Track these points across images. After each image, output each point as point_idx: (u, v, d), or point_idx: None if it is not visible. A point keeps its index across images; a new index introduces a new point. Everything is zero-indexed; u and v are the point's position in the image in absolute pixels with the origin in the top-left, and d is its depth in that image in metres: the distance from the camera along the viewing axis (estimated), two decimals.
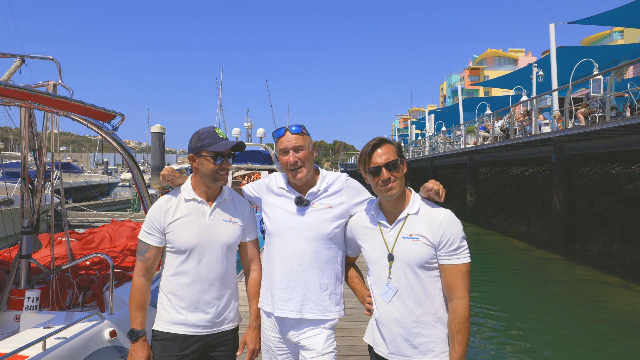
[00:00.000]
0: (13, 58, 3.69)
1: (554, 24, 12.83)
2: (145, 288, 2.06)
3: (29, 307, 3.58)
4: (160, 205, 2.10)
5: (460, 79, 64.19)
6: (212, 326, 2.09)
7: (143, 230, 2.10)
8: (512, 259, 12.61)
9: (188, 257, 2.06)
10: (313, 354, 2.00)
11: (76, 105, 3.28)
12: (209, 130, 2.07)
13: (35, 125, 4.00)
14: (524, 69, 18.52)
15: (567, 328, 7.05)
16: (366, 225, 2.01)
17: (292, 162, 2.02)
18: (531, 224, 16.72)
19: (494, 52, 63.73)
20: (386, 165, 1.85)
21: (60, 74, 3.88)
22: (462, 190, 24.24)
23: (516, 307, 8.15)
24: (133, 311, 2.03)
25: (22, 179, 3.90)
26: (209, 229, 2.08)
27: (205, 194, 2.13)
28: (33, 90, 3.07)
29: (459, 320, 1.78)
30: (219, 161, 2.04)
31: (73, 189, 23.01)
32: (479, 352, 6.01)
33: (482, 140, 18.29)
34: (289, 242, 2.06)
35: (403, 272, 1.86)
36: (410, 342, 1.85)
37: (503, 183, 22.46)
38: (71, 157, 54.73)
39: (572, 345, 6.36)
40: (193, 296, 2.06)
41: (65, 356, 2.99)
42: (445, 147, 24.38)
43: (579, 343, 6.45)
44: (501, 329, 6.99)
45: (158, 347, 2.04)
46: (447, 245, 1.82)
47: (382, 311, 1.92)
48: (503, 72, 46.42)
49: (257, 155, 18.70)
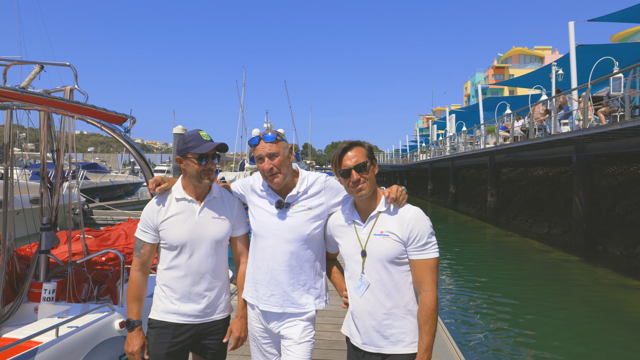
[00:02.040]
0: (33, 65, 3.94)
1: (573, 22, 12.56)
2: (141, 282, 2.23)
3: (46, 298, 3.82)
4: (153, 205, 2.25)
5: (484, 78, 63.16)
6: (203, 316, 2.24)
7: (139, 229, 2.27)
8: (530, 260, 12.41)
9: (180, 253, 2.21)
10: (291, 342, 2.14)
11: (88, 109, 3.49)
12: (193, 134, 2.21)
13: (53, 127, 4.25)
14: (544, 68, 18.14)
15: (586, 332, 6.91)
16: (342, 223, 2.12)
17: (267, 169, 2.12)
18: (552, 226, 16.39)
19: (520, 50, 62.42)
20: (355, 168, 1.95)
21: (77, 79, 4.12)
22: (483, 191, 23.93)
23: (533, 309, 8.03)
24: (130, 303, 2.20)
25: (41, 179, 4.16)
26: (198, 226, 2.23)
27: (194, 193, 2.27)
28: (48, 95, 3.30)
29: (427, 312, 1.87)
30: (203, 162, 2.17)
31: (99, 188, 23.79)
32: (496, 355, 5.99)
33: (503, 140, 18.03)
34: (271, 243, 2.18)
35: (374, 267, 1.97)
36: (381, 333, 1.96)
37: (525, 184, 22.04)
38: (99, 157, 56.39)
39: (591, 350, 6.25)
40: (185, 288, 2.21)
41: (77, 343, 3.21)
42: (466, 147, 24.09)
43: (598, 348, 6.32)
44: (517, 331, 6.89)
45: (153, 334, 2.21)
46: (416, 241, 1.91)
47: (355, 304, 2.03)
48: (529, 71, 45.43)
49: None
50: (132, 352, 2.14)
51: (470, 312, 7.88)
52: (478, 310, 7.99)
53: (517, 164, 23.41)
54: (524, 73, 32.01)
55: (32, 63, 3.91)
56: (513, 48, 62.83)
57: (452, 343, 4.33)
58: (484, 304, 8.39)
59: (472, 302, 8.52)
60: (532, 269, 11.41)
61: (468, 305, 8.32)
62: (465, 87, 73.52)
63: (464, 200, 27.13)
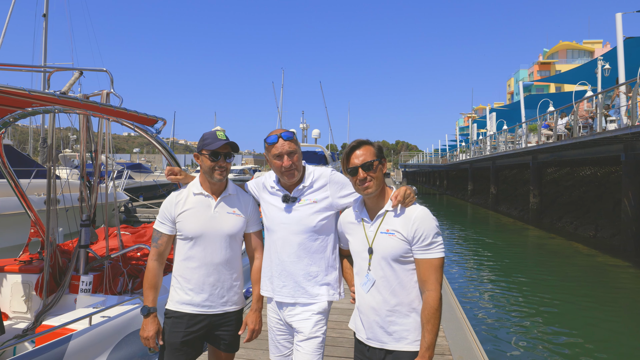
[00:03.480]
0: (72, 71, 4.22)
1: (620, 14, 11.86)
2: (158, 270, 2.36)
3: (83, 290, 4.08)
4: (171, 199, 2.39)
5: (528, 75, 60.75)
6: (216, 307, 2.35)
7: (157, 220, 2.41)
8: (575, 264, 11.84)
9: (195, 244, 2.32)
10: (301, 336, 2.21)
11: (121, 111, 3.70)
12: (211, 133, 2.34)
13: (92, 129, 4.52)
14: (590, 63, 17.23)
15: (635, 345, 6.49)
16: (351, 220, 2.16)
17: (287, 165, 2.21)
18: (599, 228, 15.56)
19: (567, 44, 59.49)
20: (362, 166, 1.99)
21: (112, 83, 4.36)
22: (526, 192, 23.05)
23: (575, 318, 7.66)
24: (146, 290, 2.33)
25: (80, 178, 4.43)
26: (213, 220, 2.34)
27: (210, 189, 2.39)
28: (83, 99, 3.52)
29: (429, 311, 1.88)
30: (216, 159, 2.29)
31: (143, 187, 24.86)
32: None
33: (545, 139, 17.30)
34: (280, 236, 2.28)
35: (379, 264, 1.99)
36: (385, 329, 1.98)
37: (571, 184, 21.04)
38: (145, 158, 58.79)
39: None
40: (199, 279, 2.32)
41: (108, 333, 3.41)
42: (507, 146, 23.29)
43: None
44: (557, 342, 6.57)
45: (168, 324, 2.33)
46: (421, 240, 1.92)
47: (361, 300, 2.07)
48: (576, 66, 43.29)
49: (312, 155, 19.06)
50: (147, 337, 2.27)
51: (506, 317, 7.64)
52: (515, 316, 7.73)
53: (563, 163, 22.39)
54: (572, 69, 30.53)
55: (71, 69, 4.18)
56: (560, 43, 59.95)
57: (480, 348, 4.23)
58: (523, 309, 8.10)
59: (509, 307, 8.26)
60: (577, 274, 10.88)
61: (505, 310, 8.07)
62: (508, 84, 70.94)
63: (506, 201, 26.24)
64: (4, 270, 4.44)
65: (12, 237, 10.48)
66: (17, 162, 11.56)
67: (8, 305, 4.39)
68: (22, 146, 41.63)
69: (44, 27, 16.20)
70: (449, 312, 5.05)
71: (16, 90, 2.87)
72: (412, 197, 2.00)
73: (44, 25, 16.19)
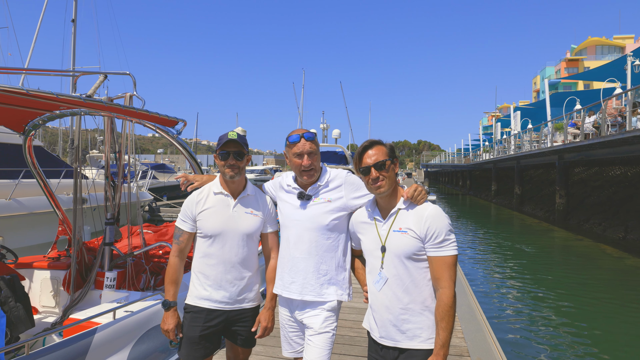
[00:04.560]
0: (98, 75, 4.36)
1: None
2: (178, 266, 2.44)
3: (108, 285, 4.21)
4: (193, 198, 2.47)
5: (555, 72, 59.22)
6: (233, 303, 2.41)
7: (179, 218, 2.49)
8: (603, 267, 11.50)
9: (214, 242, 2.39)
10: (312, 332, 2.24)
11: (143, 113, 3.80)
12: (224, 134, 2.41)
13: (116, 131, 4.65)
14: (619, 60, 16.66)
15: None
16: (364, 220, 2.18)
17: (307, 164, 2.27)
18: (629, 230, 15.05)
19: (596, 40, 57.69)
20: (375, 166, 2.01)
21: (135, 86, 4.48)
22: (551, 192, 22.48)
23: (602, 322, 7.43)
24: (167, 285, 2.41)
25: (105, 178, 4.57)
26: (231, 219, 2.41)
27: (229, 188, 2.46)
28: (107, 102, 3.64)
29: (443, 309, 1.88)
30: (225, 158, 2.36)
31: (167, 187, 25.36)
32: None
33: (572, 138, 16.85)
34: (293, 232, 2.33)
35: (393, 262, 2.00)
36: (398, 328, 1.99)
37: (600, 184, 20.39)
38: (169, 158, 59.96)
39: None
40: (217, 275, 2.39)
41: (131, 326, 3.52)
42: (532, 145, 22.77)
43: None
44: (583, 349, 6.39)
45: (188, 318, 2.41)
46: (433, 238, 1.92)
47: (374, 298, 2.08)
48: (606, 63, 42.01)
49: (333, 155, 19.05)
50: (167, 329, 2.36)
51: (528, 320, 7.50)
52: (537, 319, 7.57)
53: (591, 163, 21.74)
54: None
55: (97, 73, 4.32)
56: (589, 38, 58.21)
57: (500, 350, 4.17)
58: (546, 313, 7.93)
59: (532, 310, 8.09)
60: (605, 277, 10.57)
61: (527, 313, 7.92)
62: (534, 82, 69.26)
63: (530, 201, 25.65)
64: (34, 266, 4.63)
65: (41, 235, 10.88)
66: (47, 162, 11.99)
67: (38, 299, 4.57)
68: (52, 147, 43.08)
69: (73, 32, 16.70)
70: (468, 313, 5.00)
71: (45, 94, 2.99)
72: (423, 194, 2.01)
73: (73, 31, 16.70)
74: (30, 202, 11.11)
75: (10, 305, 3.59)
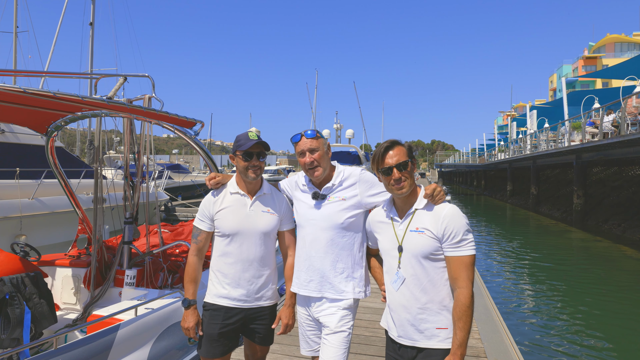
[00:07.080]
0: (117, 77, 4.44)
1: None
2: (197, 265, 2.48)
3: (128, 283, 4.29)
4: (210, 197, 2.51)
5: (572, 70, 58.21)
6: (251, 301, 2.45)
7: (197, 218, 2.53)
8: (622, 269, 11.29)
9: (231, 241, 2.43)
10: (328, 330, 2.27)
11: (163, 115, 3.87)
12: (243, 134, 2.44)
13: (134, 132, 4.74)
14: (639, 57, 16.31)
15: None
16: (381, 219, 2.19)
17: (308, 162, 2.30)
18: None
19: (615, 37, 56.54)
20: (397, 166, 2.02)
21: (154, 88, 4.56)
22: (569, 193, 22.11)
23: (621, 326, 7.29)
24: (187, 284, 2.46)
25: (124, 178, 4.66)
26: (249, 218, 2.44)
27: (246, 188, 2.49)
28: (129, 104, 3.72)
29: (461, 309, 1.89)
30: (248, 159, 2.38)
31: (182, 187, 25.64)
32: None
33: (590, 137, 16.55)
34: (309, 232, 2.36)
35: (410, 262, 2.01)
36: (416, 327, 2.00)
37: (619, 184, 20.00)
38: (183, 159, 60.57)
39: None
40: (235, 274, 2.43)
41: (152, 323, 3.59)
42: (549, 145, 22.42)
43: None
44: (604, 349, 6.31)
45: (206, 316, 2.45)
46: (450, 238, 1.93)
47: (392, 298, 2.10)
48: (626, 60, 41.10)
49: (346, 155, 19.07)
50: (188, 327, 2.41)
51: (545, 322, 7.40)
52: (555, 321, 7.47)
53: (610, 163, 21.33)
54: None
55: (116, 75, 4.40)
56: (607, 36, 57.08)
57: (517, 352, 4.14)
58: (564, 315, 7.82)
59: (549, 312, 7.99)
60: (624, 278, 10.37)
61: (544, 315, 7.82)
62: (550, 80, 68.18)
63: (547, 202, 25.27)
64: (55, 264, 4.74)
65: (62, 234, 11.13)
66: (67, 163, 12.27)
67: (59, 296, 4.68)
68: (71, 148, 43.87)
69: (91, 35, 17.04)
70: (485, 314, 4.96)
71: (70, 96, 3.06)
72: (442, 194, 2.01)
73: (91, 34, 17.04)
74: (52, 202, 11.38)
75: (35, 301, 3.68)
